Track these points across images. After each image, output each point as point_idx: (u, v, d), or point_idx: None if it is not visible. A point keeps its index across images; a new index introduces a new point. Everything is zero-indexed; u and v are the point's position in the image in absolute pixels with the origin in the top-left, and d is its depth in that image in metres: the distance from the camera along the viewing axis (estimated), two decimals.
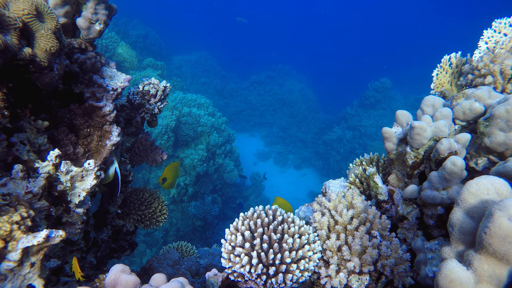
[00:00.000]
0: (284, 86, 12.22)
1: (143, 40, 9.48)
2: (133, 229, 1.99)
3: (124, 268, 0.90)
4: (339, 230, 1.19)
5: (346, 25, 28.10)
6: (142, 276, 1.92)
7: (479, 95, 1.24)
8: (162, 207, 2.02)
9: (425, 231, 1.26)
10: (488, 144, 1.13)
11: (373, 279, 1.16)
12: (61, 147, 1.33)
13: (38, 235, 0.94)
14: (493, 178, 0.79)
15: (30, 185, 1.09)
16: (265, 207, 1.24)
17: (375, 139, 9.23)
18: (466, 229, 0.80)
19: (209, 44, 17.26)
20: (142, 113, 1.80)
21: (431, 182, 1.12)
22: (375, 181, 1.41)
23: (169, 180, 2.15)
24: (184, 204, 6.02)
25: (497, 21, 1.71)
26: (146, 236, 5.74)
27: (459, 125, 1.29)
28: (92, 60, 1.42)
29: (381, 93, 10.55)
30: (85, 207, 1.37)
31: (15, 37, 0.95)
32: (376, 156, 1.71)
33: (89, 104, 1.42)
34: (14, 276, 0.92)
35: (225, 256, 1.14)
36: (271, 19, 28.05)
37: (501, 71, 1.41)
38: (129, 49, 7.29)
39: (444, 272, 0.72)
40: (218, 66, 13.09)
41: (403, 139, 1.32)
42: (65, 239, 1.37)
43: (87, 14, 1.38)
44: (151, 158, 2.03)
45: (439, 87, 1.80)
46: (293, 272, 1.10)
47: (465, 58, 1.75)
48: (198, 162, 5.98)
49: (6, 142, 1.10)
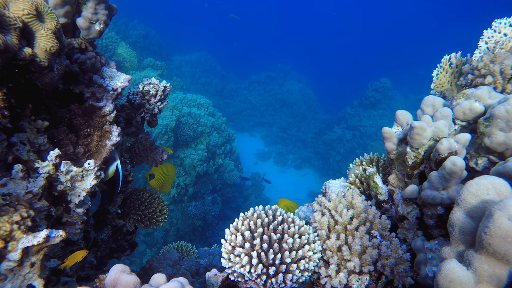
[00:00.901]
0: (284, 86, 12.23)
1: (143, 40, 9.48)
2: (133, 229, 1.99)
3: (124, 268, 0.90)
4: (339, 230, 1.19)
5: (346, 25, 28.12)
6: (142, 276, 1.92)
7: (479, 95, 1.24)
8: (162, 207, 2.02)
9: (425, 231, 1.26)
10: (488, 144, 1.13)
11: (373, 279, 1.16)
12: (61, 147, 1.33)
13: (38, 235, 0.94)
14: (493, 178, 0.79)
15: (30, 185, 1.09)
16: (265, 207, 1.24)
17: (375, 139, 9.23)
18: (466, 229, 0.80)
19: (209, 44, 17.27)
20: (142, 113, 1.81)
21: (431, 182, 1.12)
22: (375, 181, 1.41)
23: (157, 177, 2.03)
24: (184, 204, 6.02)
25: (497, 21, 1.71)
26: (146, 236, 5.74)
27: (459, 125, 1.29)
28: (92, 60, 1.42)
29: (381, 93, 10.55)
30: (85, 207, 1.37)
31: (15, 37, 0.95)
32: (376, 156, 1.71)
33: (89, 104, 1.42)
34: (14, 276, 0.92)
35: (225, 256, 1.14)
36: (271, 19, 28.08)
37: (501, 71, 1.41)
38: (129, 49, 7.30)
39: (444, 272, 0.72)
40: (218, 66, 13.09)
41: (403, 139, 1.32)
42: (65, 239, 1.37)
43: (87, 14, 1.38)
44: (151, 158, 2.03)
45: (439, 87, 1.80)
46: (293, 272, 1.10)
47: (465, 58, 1.75)
48: (198, 162, 5.98)
49: (6, 142, 1.10)
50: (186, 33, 19.39)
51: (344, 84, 17.42)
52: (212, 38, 20.47)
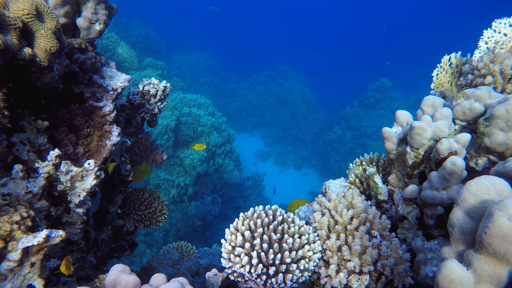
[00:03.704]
0: (284, 86, 12.23)
1: (143, 40, 9.48)
2: (133, 229, 1.98)
3: (124, 268, 0.91)
4: (339, 230, 1.19)
5: (346, 25, 28.13)
6: (142, 276, 1.92)
7: (479, 95, 1.24)
8: (162, 207, 2.02)
9: (425, 231, 1.26)
10: (488, 144, 1.13)
11: (373, 279, 1.16)
12: (61, 147, 1.33)
13: (38, 235, 0.94)
14: (493, 178, 0.79)
15: (30, 185, 1.09)
16: (265, 207, 1.24)
17: (375, 139, 9.23)
18: (466, 229, 0.80)
19: (209, 44, 17.28)
20: (142, 113, 1.81)
21: (431, 182, 1.12)
22: (375, 181, 1.41)
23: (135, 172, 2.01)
24: (184, 204, 6.02)
25: (497, 21, 1.71)
26: (146, 236, 5.74)
27: (459, 125, 1.29)
28: (92, 60, 1.42)
29: (381, 93, 10.56)
30: (85, 207, 1.37)
31: (15, 37, 0.95)
32: (376, 156, 1.71)
33: (89, 104, 1.42)
34: (14, 276, 0.92)
35: (225, 256, 1.14)
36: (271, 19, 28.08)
37: (501, 71, 1.41)
38: (129, 49, 7.30)
39: (444, 272, 0.72)
40: (218, 66, 13.10)
41: (403, 139, 1.32)
42: (65, 239, 1.37)
43: (87, 14, 1.38)
44: (151, 158, 2.03)
45: (439, 87, 1.80)
46: (293, 272, 1.10)
47: (465, 58, 1.75)
48: (198, 162, 5.98)
49: (6, 142, 1.10)
50: (186, 33, 19.41)
51: (344, 84, 17.43)
52: (212, 38, 20.49)
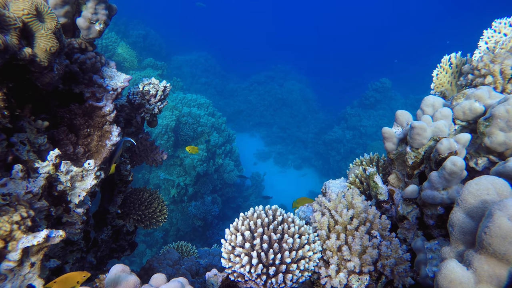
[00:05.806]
0: (284, 86, 12.23)
1: (143, 40, 9.47)
2: (133, 229, 1.98)
3: (124, 268, 0.91)
4: (339, 230, 1.19)
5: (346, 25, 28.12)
6: (142, 276, 1.92)
7: (479, 95, 1.24)
8: (162, 207, 2.02)
9: (425, 231, 1.26)
10: (488, 144, 1.13)
11: (373, 279, 1.16)
12: (61, 147, 1.33)
13: (38, 235, 0.94)
14: (493, 178, 0.79)
15: (30, 185, 1.09)
16: (265, 207, 1.24)
17: (375, 139, 9.23)
18: (466, 229, 0.80)
19: (209, 44, 17.25)
20: (142, 113, 1.80)
21: (431, 182, 1.12)
22: (375, 181, 1.41)
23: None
24: (184, 204, 6.02)
25: (497, 21, 1.71)
26: (146, 236, 5.73)
27: (459, 125, 1.29)
28: (92, 60, 1.42)
29: (381, 93, 10.56)
30: (85, 207, 1.37)
31: (15, 37, 0.95)
32: (376, 156, 1.71)
33: (89, 104, 1.42)
34: (14, 276, 0.92)
35: (225, 256, 1.14)
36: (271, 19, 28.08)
37: (501, 71, 1.41)
38: (129, 49, 7.30)
39: (444, 272, 0.72)
40: (218, 66, 13.09)
41: (403, 139, 1.32)
42: (65, 239, 1.37)
43: (87, 14, 1.38)
44: (151, 158, 2.03)
45: (439, 87, 1.80)
46: (293, 272, 1.10)
47: (465, 58, 1.75)
48: (198, 162, 5.98)
49: (6, 142, 1.10)
50: (186, 33, 19.41)
51: (344, 84, 17.43)
52: (212, 38, 20.47)
